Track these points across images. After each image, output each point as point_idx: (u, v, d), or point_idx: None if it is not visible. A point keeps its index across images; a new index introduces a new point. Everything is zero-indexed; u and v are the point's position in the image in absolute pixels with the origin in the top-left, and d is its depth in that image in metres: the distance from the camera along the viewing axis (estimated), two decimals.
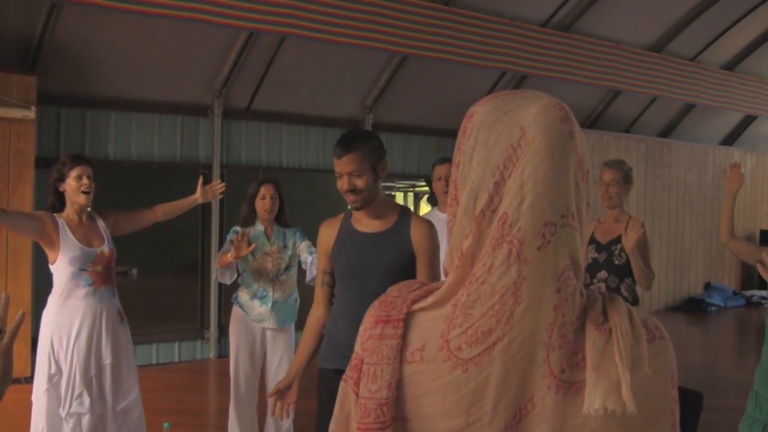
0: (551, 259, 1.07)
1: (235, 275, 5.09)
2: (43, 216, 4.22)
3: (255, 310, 5.04)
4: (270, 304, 5.04)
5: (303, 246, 5.17)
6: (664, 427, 1.09)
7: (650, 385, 1.07)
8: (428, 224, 3.25)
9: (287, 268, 5.14)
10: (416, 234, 3.19)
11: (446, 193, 5.10)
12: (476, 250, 1.11)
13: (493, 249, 1.08)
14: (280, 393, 3.37)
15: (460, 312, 1.09)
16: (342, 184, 3.20)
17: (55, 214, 4.27)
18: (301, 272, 5.27)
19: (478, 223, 1.11)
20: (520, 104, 1.13)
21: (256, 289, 5.04)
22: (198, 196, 4.82)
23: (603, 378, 1.04)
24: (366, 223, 3.29)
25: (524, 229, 1.07)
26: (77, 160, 4.29)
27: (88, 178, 4.27)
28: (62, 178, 4.25)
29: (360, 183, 3.17)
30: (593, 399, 1.04)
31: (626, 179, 4.93)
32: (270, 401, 3.39)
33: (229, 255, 4.81)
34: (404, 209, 3.33)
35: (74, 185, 4.23)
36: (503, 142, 1.11)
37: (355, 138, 3.21)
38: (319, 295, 3.47)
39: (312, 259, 5.05)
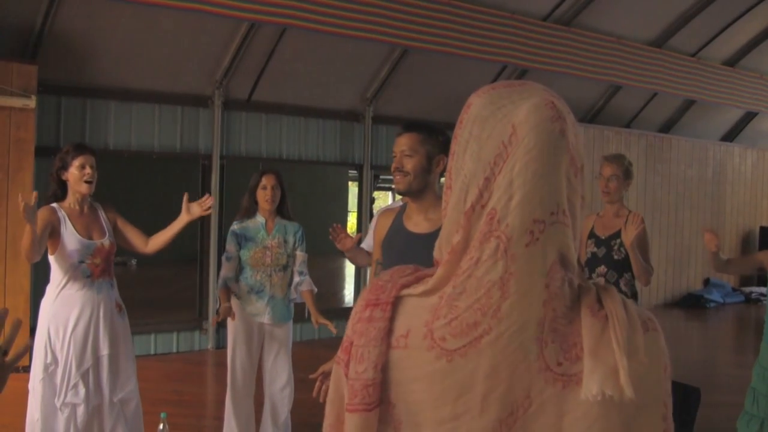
0: (540, 255, 1.08)
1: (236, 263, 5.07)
2: (48, 215, 4.17)
3: (251, 305, 5.02)
4: (266, 299, 5.03)
5: (299, 256, 5.13)
6: (654, 417, 1.10)
7: (644, 374, 1.08)
8: None
9: (285, 267, 5.12)
10: None
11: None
12: (466, 245, 1.12)
13: (481, 243, 1.10)
14: (326, 375, 3.36)
15: (445, 303, 1.11)
16: (394, 162, 3.17)
17: (55, 206, 4.24)
18: None
19: (468, 218, 1.12)
20: (515, 100, 1.15)
21: (254, 282, 5.02)
22: (184, 215, 4.49)
23: (600, 364, 1.05)
24: (415, 222, 3.23)
25: (512, 225, 1.08)
26: (80, 149, 4.27)
27: (91, 167, 4.25)
28: (65, 167, 4.23)
29: (408, 164, 3.12)
30: (591, 385, 1.05)
31: (626, 174, 4.93)
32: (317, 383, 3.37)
33: (217, 317, 4.85)
34: None
35: (77, 174, 4.21)
36: (495, 139, 1.13)
37: (422, 124, 3.21)
38: None
39: (299, 280, 5.05)
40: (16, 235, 7.22)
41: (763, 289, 13.45)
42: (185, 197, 4.52)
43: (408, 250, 3.16)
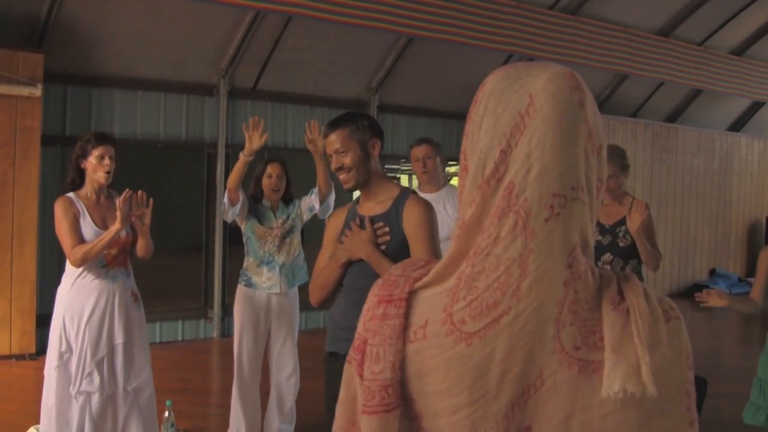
0: (560, 232, 1.04)
1: (237, 212, 5.01)
2: (70, 208, 4.16)
3: (263, 277, 5.06)
4: (278, 268, 5.07)
5: (304, 200, 5.22)
6: (679, 409, 1.06)
7: (667, 366, 1.04)
8: (422, 207, 3.16)
9: (291, 230, 5.17)
10: (407, 217, 3.14)
11: (424, 173, 5.33)
12: (480, 220, 1.08)
13: (499, 219, 1.05)
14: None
15: (464, 284, 1.07)
16: (332, 163, 3.24)
17: (71, 196, 4.22)
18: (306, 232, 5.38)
19: (482, 192, 1.08)
20: (531, 72, 1.10)
21: (262, 255, 5.07)
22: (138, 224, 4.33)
23: (622, 360, 1.01)
24: (366, 207, 3.27)
25: (531, 199, 1.04)
26: (102, 139, 4.22)
27: (111, 158, 4.21)
28: (84, 155, 4.19)
29: (346, 160, 3.18)
30: (612, 382, 1.01)
31: (622, 168, 4.86)
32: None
33: (245, 148, 4.99)
34: (404, 191, 3.27)
35: (95, 164, 4.18)
36: (511, 110, 1.08)
37: (342, 118, 3.28)
38: None
39: (313, 195, 5.17)
40: (22, 223, 7.24)
41: None
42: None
43: None
